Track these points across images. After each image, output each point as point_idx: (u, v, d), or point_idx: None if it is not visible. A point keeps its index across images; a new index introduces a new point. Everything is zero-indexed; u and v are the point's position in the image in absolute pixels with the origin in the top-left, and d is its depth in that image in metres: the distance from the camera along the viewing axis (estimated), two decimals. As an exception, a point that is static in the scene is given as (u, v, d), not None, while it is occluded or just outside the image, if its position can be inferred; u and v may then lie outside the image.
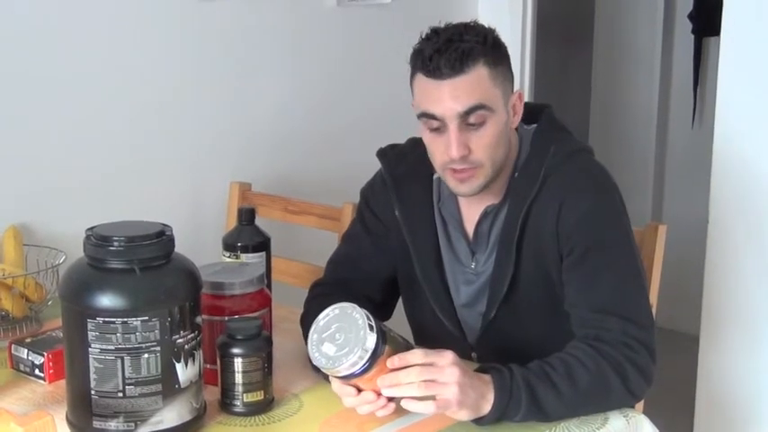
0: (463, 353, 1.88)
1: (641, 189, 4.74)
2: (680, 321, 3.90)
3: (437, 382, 1.58)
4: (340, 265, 2.13)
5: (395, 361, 1.60)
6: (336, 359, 1.59)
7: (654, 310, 2.14)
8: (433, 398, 1.59)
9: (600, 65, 4.93)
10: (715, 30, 3.14)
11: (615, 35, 4.83)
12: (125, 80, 2.67)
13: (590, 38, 4.97)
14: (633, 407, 1.80)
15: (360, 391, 1.64)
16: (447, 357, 1.61)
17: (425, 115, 1.86)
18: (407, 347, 1.66)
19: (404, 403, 1.61)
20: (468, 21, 1.90)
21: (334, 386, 1.67)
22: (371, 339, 1.58)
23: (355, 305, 1.63)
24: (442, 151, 1.86)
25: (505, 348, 1.92)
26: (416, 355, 1.60)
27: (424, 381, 1.58)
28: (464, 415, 1.62)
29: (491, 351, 1.97)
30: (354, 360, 1.57)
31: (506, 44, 1.93)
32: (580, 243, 1.84)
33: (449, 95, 1.82)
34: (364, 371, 1.59)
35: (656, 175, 4.80)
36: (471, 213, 1.99)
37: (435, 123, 1.85)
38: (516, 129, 1.98)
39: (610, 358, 1.72)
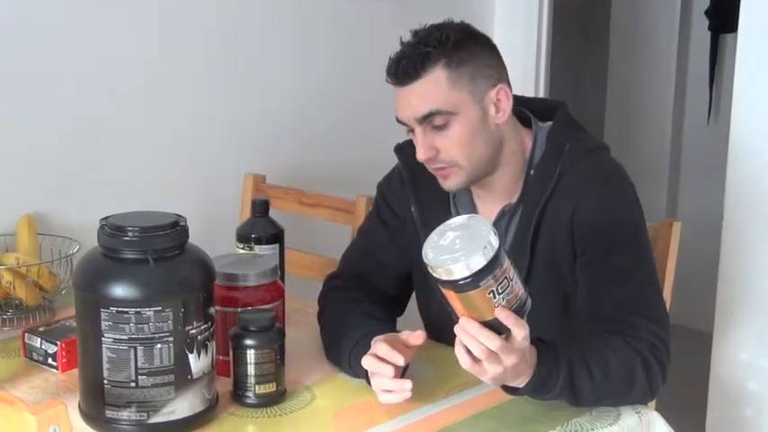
0: None
1: (656, 185, 4.73)
2: (693, 318, 3.89)
3: (495, 361, 1.54)
4: (355, 258, 2.13)
5: (509, 317, 1.53)
6: (454, 256, 1.49)
7: (668, 307, 2.14)
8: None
9: (616, 61, 4.92)
10: (731, 26, 3.13)
11: (632, 31, 4.82)
12: (140, 72, 2.68)
13: (606, 33, 4.96)
14: (647, 404, 1.80)
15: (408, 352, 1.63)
16: (519, 341, 1.56)
17: (398, 121, 1.90)
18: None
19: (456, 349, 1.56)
20: (445, 19, 1.89)
21: (367, 362, 1.68)
22: (492, 244, 1.47)
23: (485, 219, 1.55)
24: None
25: None
26: (522, 334, 1.54)
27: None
28: (491, 384, 1.61)
29: None
30: (476, 260, 1.46)
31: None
32: (595, 242, 1.84)
33: (408, 101, 1.84)
34: (478, 279, 1.48)
35: (672, 171, 4.79)
36: (487, 211, 1.99)
37: (407, 127, 1.88)
38: (531, 126, 1.98)
39: (641, 355, 1.73)
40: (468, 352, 1.55)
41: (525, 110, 2.00)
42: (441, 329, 2.02)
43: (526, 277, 1.90)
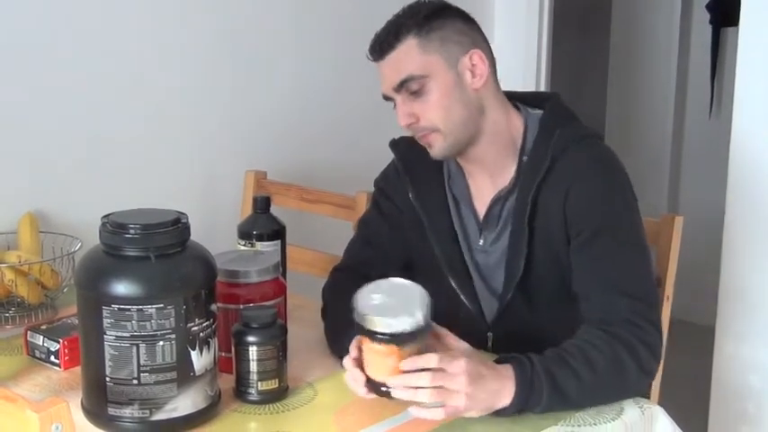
0: (480, 334, 1.89)
1: (658, 180, 4.73)
2: (696, 312, 3.89)
3: (446, 390, 1.58)
4: (357, 249, 2.16)
5: (409, 363, 1.59)
6: (378, 310, 1.58)
7: (670, 302, 2.14)
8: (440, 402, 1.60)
9: (617, 55, 4.92)
10: (733, 20, 3.13)
11: (632, 25, 4.81)
12: (140, 69, 2.68)
13: (607, 28, 4.96)
14: (648, 388, 1.80)
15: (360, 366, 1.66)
16: (458, 365, 1.60)
17: (383, 98, 1.96)
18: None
19: (411, 410, 1.60)
20: None
21: (345, 362, 1.69)
22: (418, 320, 1.58)
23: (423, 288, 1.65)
24: None
25: (520, 332, 1.92)
26: (431, 358, 1.59)
27: (434, 388, 1.58)
28: (474, 414, 1.62)
29: (507, 333, 1.97)
30: (393, 323, 1.57)
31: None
32: (587, 226, 1.86)
33: (386, 73, 1.92)
34: (391, 341, 1.58)
35: (673, 165, 4.79)
36: (480, 193, 2.02)
37: (392, 102, 1.94)
38: (520, 110, 2.01)
39: (621, 339, 1.73)
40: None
41: (517, 101, 2.03)
42: (447, 315, 2.02)
43: (527, 265, 1.92)
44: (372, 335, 1.59)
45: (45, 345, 1.91)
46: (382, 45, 1.91)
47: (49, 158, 2.52)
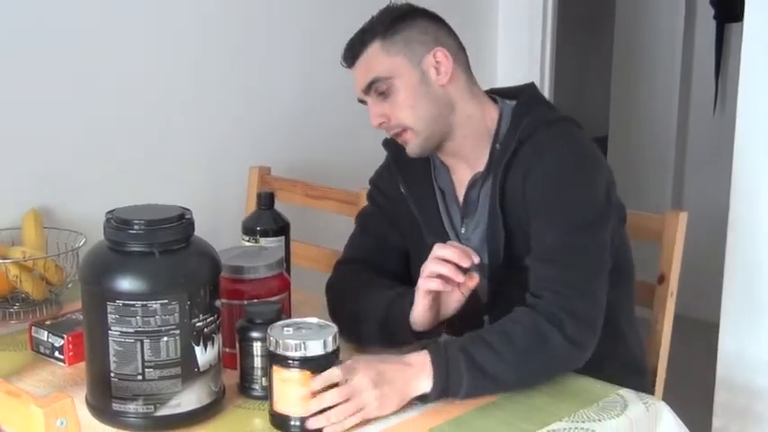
0: (476, 318, 1.90)
1: (662, 176, 4.72)
2: (699, 309, 3.88)
3: (356, 400, 1.59)
4: (357, 242, 2.18)
5: (317, 381, 1.58)
6: (291, 337, 1.59)
7: (674, 298, 2.14)
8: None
9: (621, 51, 4.91)
10: (737, 16, 3.12)
11: (636, 22, 4.81)
12: (144, 64, 2.68)
13: (611, 25, 4.96)
14: (582, 363, 1.79)
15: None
16: (358, 372, 1.62)
17: (358, 101, 2.03)
18: None
19: (327, 430, 1.60)
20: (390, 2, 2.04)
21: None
22: (328, 346, 1.60)
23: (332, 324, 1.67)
24: None
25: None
26: (335, 372, 1.60)
27: (348, 407, 1.59)
28: (389, 412, 1.64)
29: (502, 316, 1.98)
30: (305, 347, 1.57)
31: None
32: (539, 199, 1.88)
33: (356, 78, 2.01)
34: (303, 365, 1.58)
35: (677, 161, 4.78)
36: (461, 184, 2.05)
37: (366, 106, 2.00)
38: (496, 101, 2.04)
39: (543, 310, 1.76)
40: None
41: (495, 95, 2.07)
42: (442, 302, 2.03)
43: (508, 248, 1.94)
44: (285, 361, 1.59)
45: (49, 340, 1.92)
46: (351, 52, 1.99)
47: (53, 155, 2.52)
